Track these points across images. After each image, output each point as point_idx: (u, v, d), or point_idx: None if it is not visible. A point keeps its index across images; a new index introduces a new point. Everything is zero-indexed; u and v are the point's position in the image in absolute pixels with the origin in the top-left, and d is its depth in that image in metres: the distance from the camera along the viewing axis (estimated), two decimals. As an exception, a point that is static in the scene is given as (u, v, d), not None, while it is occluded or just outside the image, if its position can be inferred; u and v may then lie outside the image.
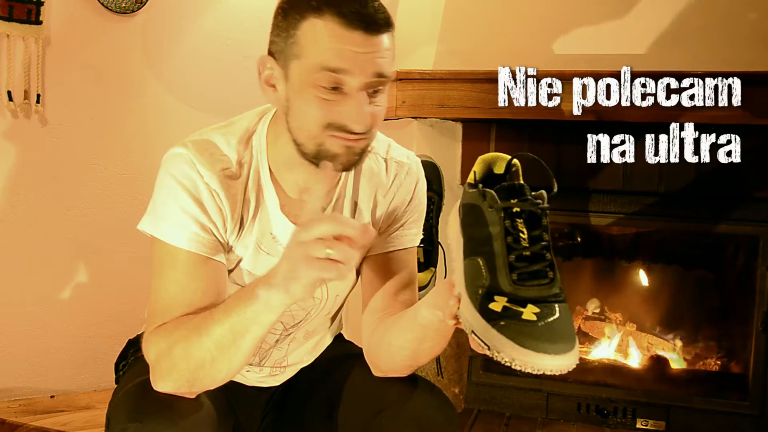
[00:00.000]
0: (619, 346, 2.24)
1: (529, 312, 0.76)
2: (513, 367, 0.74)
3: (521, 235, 0.81)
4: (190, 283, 0.99)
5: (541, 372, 0.74)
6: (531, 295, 0.78)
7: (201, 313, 0.96)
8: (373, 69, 0.94)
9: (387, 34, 0.96)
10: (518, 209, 0.81)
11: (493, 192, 0.83)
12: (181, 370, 0.93)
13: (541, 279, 0.79)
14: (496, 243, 0.81)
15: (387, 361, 1.05)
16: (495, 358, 0.76)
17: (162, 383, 0.94)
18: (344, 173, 1.10)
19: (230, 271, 1.09)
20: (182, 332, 0.94)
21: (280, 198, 1.07)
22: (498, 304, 0.78)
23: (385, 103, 1.00)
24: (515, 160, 0.89)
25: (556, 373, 0.74)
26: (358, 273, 1.19)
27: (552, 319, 0.76)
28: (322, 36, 0.93)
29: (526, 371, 0.74)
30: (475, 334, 0.78)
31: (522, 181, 0.87)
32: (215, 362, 0.93)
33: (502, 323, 0.76)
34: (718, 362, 2.15)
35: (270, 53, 1.01)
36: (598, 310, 2.31)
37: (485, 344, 0.76)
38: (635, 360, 2.20)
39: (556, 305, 0.78)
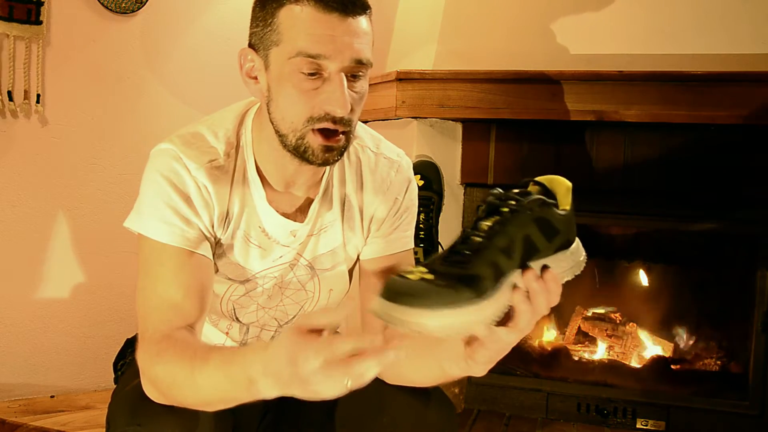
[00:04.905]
0: (619, 345, 2.24)
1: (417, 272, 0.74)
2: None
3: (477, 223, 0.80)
4: (176, 280, 0.99)
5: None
6: (439, 268, 0.74)
7: (192, 352, 0.91)
8: (351, 54, 0.94)
9: (364, 16, 0.96)
10: (482, 201, 0.82)
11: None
12: (157, 395, 0.93)
13: (455, 256, 0.76)
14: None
15: (396, 379, 1.03)
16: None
17: (146, 391, 0.95)
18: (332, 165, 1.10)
19: (220, 265, 1.09)
20: (172, 358, 0.91)
21: (267, 191, 1.07)
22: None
23: (365, 91, 0.99)
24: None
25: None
26: (352, 274, 1.19)
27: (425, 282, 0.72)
28: (299, 21, 0.93)
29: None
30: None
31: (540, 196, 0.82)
32: (194, 397, 0.91)
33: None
34: (718, 362, 2.15)
35: (250, 45, 1.01)
36: (597, 310, 2.31)
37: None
38: (635, 360, 2.20)
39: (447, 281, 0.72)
